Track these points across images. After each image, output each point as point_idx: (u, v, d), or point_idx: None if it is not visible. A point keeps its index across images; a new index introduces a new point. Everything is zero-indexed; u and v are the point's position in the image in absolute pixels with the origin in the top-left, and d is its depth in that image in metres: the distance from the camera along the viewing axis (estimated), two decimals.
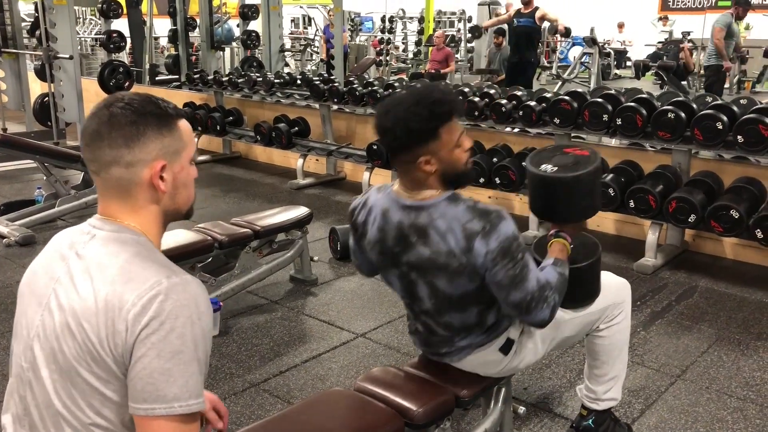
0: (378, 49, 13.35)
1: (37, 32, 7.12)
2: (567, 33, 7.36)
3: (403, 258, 1.77)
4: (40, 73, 7.79)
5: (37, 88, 8.37)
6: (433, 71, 9.90)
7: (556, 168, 1.88)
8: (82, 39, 13.22)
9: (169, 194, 1.22)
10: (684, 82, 9.68)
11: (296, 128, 6.19)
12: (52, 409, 1.15)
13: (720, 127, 3.75)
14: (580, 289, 1.93)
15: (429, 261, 1.72)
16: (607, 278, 2.14)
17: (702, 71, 8.33)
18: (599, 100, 4.25)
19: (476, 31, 8.43)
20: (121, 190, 1.19)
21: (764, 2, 13.64)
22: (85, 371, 1.12)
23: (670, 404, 2.64)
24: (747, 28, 13.49)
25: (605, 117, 4.17)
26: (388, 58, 13.25)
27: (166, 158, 1.19)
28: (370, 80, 6.29)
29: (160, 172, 1.19)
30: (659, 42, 14.20)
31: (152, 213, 1.22)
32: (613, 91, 4.47)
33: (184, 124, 1.24)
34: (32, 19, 8.36)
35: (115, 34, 7.02)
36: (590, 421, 2.30)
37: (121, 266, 1.13)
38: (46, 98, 7.47)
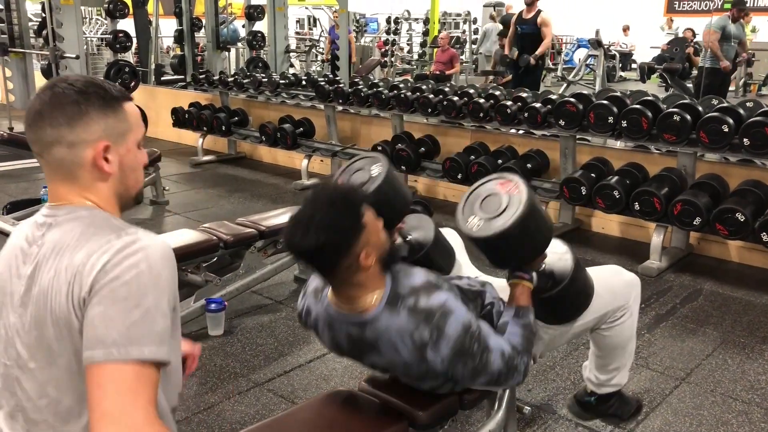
0: (383, 50, 13.36)
1: (44, 32, 7.15)
2: (537, 64, 7.18)
3: (365, 360, 1.73)
4: (47, 73, 7.82)
5: None
6: (437, 72, 9.90)
7: (481, 222, 1.73)
8: (89, 39, 13.26)
9: (116, 177, 1.20)
10: (690, 85, 9.66)
11: (301, 129, 6.20)
12: (47, 398, 1.15)
13: (726, 129, 3.74)
14: (561, 310, 1.87)
15: (389, 365, 1.68)
16: (611, 280, 2.10)
17: (695, 72, 8.42)
18: (605, 102, 4.25)
19: (507, 59, 8.42)
20: (66, 172, 1.17)
21: None
22: (66, 352, 1.11)
23: (674, 407, 2.64)
24: (753, 30, 13.46)
25: (610, 119, 4.16)
26: (392, 59, 13.26)
27: (110, 139, 1.17)
28: (375, 81, 6.29)
29: (104, 153, 1.16)
30: (664, 44, 14.19)
31: (103, 191, 1.20)
32: (618, 94, 4.46)
33: (130, 107, 1.22)
34: (39, 19, 8.39)
35: (121, 34, 7.04)
36: (593, 398, 2.32)
37: (78, 237, 1.13)
38: None
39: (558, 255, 1.89)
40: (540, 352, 2.06)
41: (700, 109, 4.03)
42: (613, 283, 2.09)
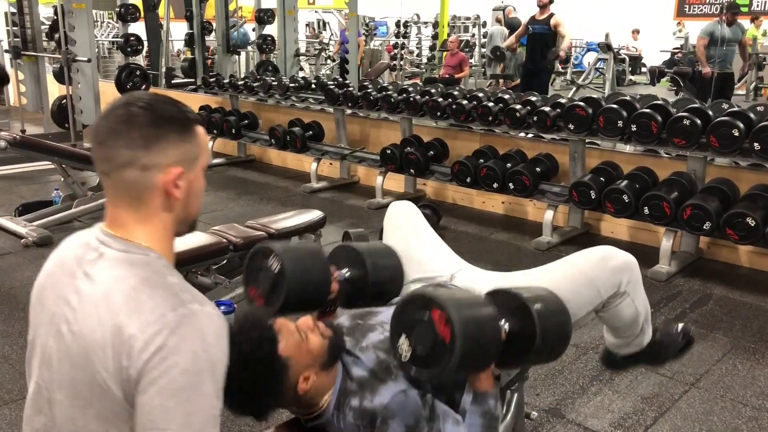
0: (392, 53, 13.38)
1: (56, 35, 7.22)
2: (566, 59, 7.23)
3: None
4: (59, 76, 7.88)
5: (55, 90, 8.47)
6: (447, 76, 9.91)
7: (410, 353, 1.44)
8: (100, 42, 13.35)
9: (182, 202, 1.15)
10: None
11: (310, 132, 6.22)
12: (78, 424, 1.13)
13: (736, 134, 3.73)
14: (542, 356, 1.60)
15: None
16: (593, 272, 1.83)
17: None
18: (614, 106, 4.24)
19: (497, 51, 8.38)
20: (133, 195, 1.12)
21: None
22: (97, 404, 1.09)
23: (684, 412, 2.63)
24: (765, 34, 13.40)
25: (620, 123, 4.16)
26: (402, 62, 13.28)
27: (184, 165, 1.13)
28: (384, 85, 6.31)
29: (176, 179, 1.12)
30: (675, 48, 14.15)
31: (163, 222, 1.16)
32: (628, 98, 4.46)
33: (201, 131, 1.18)
34: (51, 23, 8.46)
35: (132, 38, 7.11)
36: (617, 357, 2.15)
37: (128, 294, 1.08)
38: (64, 100, 7.56)
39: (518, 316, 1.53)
40: None
41: (710, 113, 4.02)
42: (594, 276, 1.82)
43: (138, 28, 7.85)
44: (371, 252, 1.78)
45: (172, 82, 9.53)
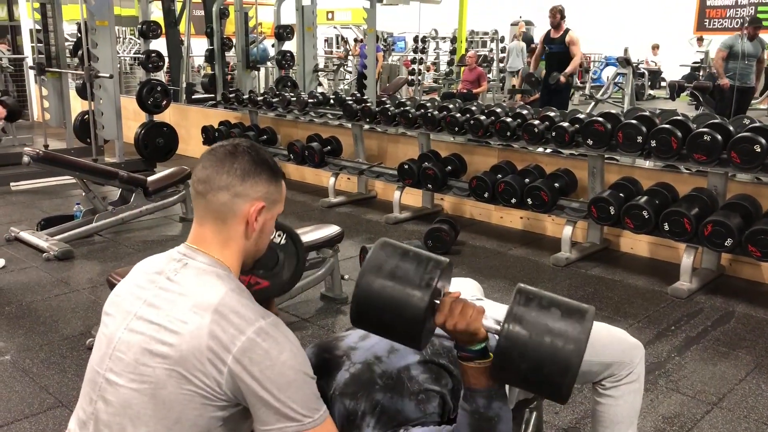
0: (410, 68, 13.44)
1: (80, 52, 7.33)
2: (568, 81, 7.26)
3: None
4: (81, 92, 8.01)
5: (77, 106, 8.60)
6: (464, 91, 9.92)
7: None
8: (122, 58, 13.54)
9: (256, 234, 1.35)
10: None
11: (329, 147, 6.25)
12: (129, 413, 1.23)
13: (758, 149, 3.68)
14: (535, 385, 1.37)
15: None
16: (618, 334, 1.92)
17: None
18: (633, 121, 4.22)
19: (531, 78, 8.49)
20: (220, 216, 1.31)
21: None
22: (174, 387, 1.21)
23: None
24: None
25: (639, 139, 4.13)
26: (420, 77, 13.33)
27: (267, 202, 1.34)
28: (402, 100, 6.33)
29: (258, 211, 1.32)
30: (694, 62, 14.05)
31: (238, 247, 1.34)
32: (647, 113, 4.43)
33: (284, 186, 1.40)
34: (74, 40, 8.60)
35: (153, 54, 7.18)
36: None
37: (220, 301, 1.23)
38: (86, 116, 7.67)
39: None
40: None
41: (731, 128, 3.98)
42: (621, 338, 1.91)
43: (159, 45, 7.95)
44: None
45: (193, 97, 9.64)
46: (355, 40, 14.41)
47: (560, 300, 1.37)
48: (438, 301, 1.36)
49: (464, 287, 2.11)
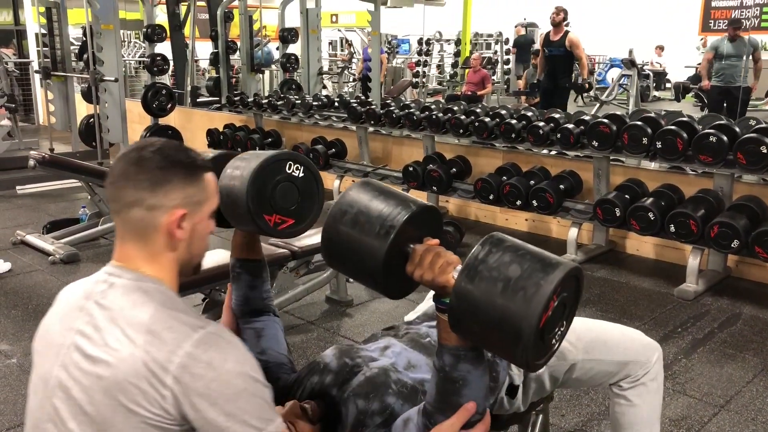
0: (414, 71, 13.43)
1: (85, 56, 7.35)
2: (582, 88, 7.35)
3: None
4: (87, 95, 8.02)
5: (83, 109, 8.62)
6: (469, 93, 9.92)
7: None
8: (127, 62, 13.58)
9: (185, 243, 1.22)
10: None
11: (333, 150, 6.25)
12: None
13: (765, 150, 3.67)
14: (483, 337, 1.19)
15: None
16: (633, 334, 1.90)
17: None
18: (639, 123, 4.21)
19: (535, 86, 8.64)
20: (139, 233, 1.19)
21: None
22: (121, 422, 1.11)
23: None
24: None
25: (645, 140, 4.12)
26: (424, 80, 13.32)
27: (188, 207, 1.20)
28: (407, 102, 6.33)
29: (179, 220, 1.19)
30: (699, 63, 14.01)
31: (168, 260, 1.22)
32: (652, 114, 4.42)
33: (210, 177, 1.25)
34: (80, 44, 8.63)
35: (158, 57, 7.20)
36: None
37: (151, 319, 1.13)
38: (92, 119, 7.69)
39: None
40: (552, 387, 1.83)
41: (737, 129, 3.97)
42: (634, 337, 1.89)
43: (164, 48, 7.96)
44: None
45: (198, 100, 9.65)
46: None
47: (530, 253, 1.15)
48: (411, 248, 1.26)
49: None
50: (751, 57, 7.41)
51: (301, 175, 1.52)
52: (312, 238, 3.63)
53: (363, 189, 1.32)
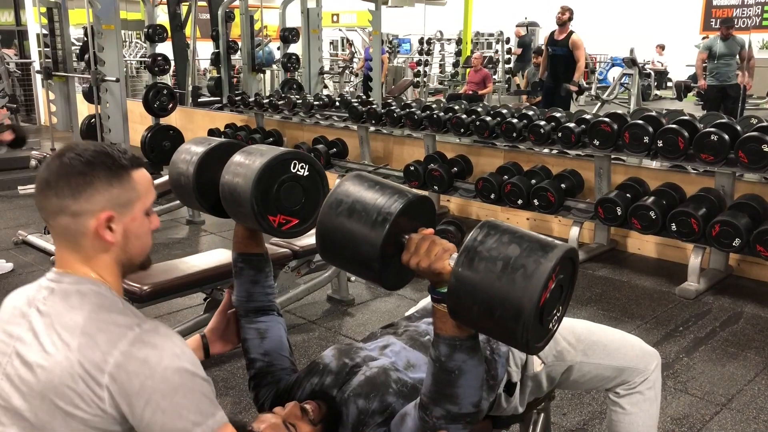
0: (415, 70, 13.43)
1: (86, 56, 7.35)
2: (579, 91, 7.38)
3: None
4: (88, 96, 8.02)
5: (84, 109, 8.63)
6: (470, 93, 9.91)
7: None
8: (128, 62, 13.58)
9: (119, 245, 1.19)
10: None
11: (334, 149, 6.26)
12: None
13: (766, 149, 3.66)
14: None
15: None
16: (633, 340, 1.88)
17: None
18: (640, 121, 4.20)
19: (537, 85, 8.61)
20: (70, 240, 1.18)
21: None
22: (61, 426, 1.11)
23: None
24: None
25: (646, 139, 4.12)
26: (425, 79, 13.31)
27: (115, 209, 1.17)
28: (408, 102, 6.33)
29: (107, 223, 1.16)
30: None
31: (105, 261, 1.20)
32: (654, 113, 4.42)
33: (139, 174, 1.21)
34: (81, 44, 8.64)
35: (159, 57, 7.20)
36: None
37: (85, 321, 1.11)
38: (93, 119, 7.69)
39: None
40: (550, 386, 1.82)
41: (739, 128, 3.97)
42: (633, 343, 1.86)
43: (165, 48, 7.97)
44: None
45: (199, 100, 9.65)
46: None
47: (527, 235, 1.17)
48: (406, 238, 1.26)
49: None
50: (738, 56, 7.48)
51: (306, 174, 1.50)
52: (313, 237, 3.62)
53: (357, 180, 1.32)
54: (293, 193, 1.48)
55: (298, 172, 1.48)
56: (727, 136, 3.83)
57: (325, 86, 10.39)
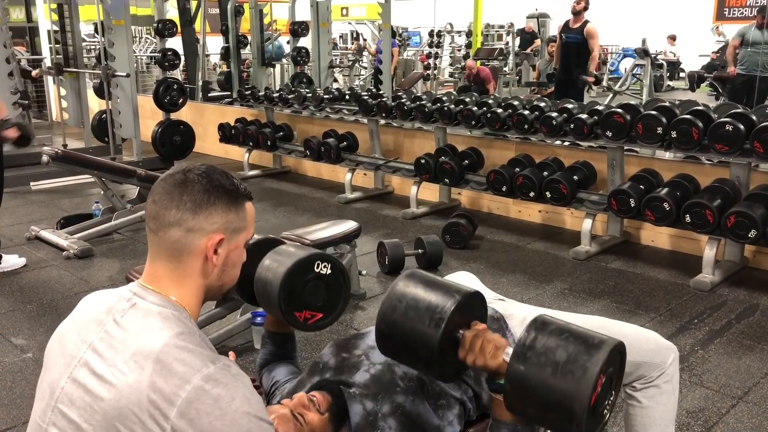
0: (426, 63, 13.39)
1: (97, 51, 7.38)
2: (596, 81, 7.31)
3: None
4: (99, 91, 8.07)
5: (95, 105, 8.66)
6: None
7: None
8: (138, 57, 13.62)
9: (218, 269, 1.22)
10: None
11: (345, 143, 6.24)
12: None
13: None
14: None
15: None
16: (648, 334, 1.86)
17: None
18: (653, 112, 4.16)
19: (552, 76, 8.59)
20: (174, 254, 1.18)
21: None
22: None
23: (732, 427, 2.54)
24: None
25: (659, 130, 4.07)
26: (435, 72, 13.26)
27: (226, 233, 1.20)
28: (418, 94, 6.30)
29: (217, 245, 1.19)
30: (714, 52, 13.86)
31: (197, 286, 1.21)
32: (667, 103, 4.37)
33: (250, 207, 1.25)
34: (92, 40, 8.66)
35: (169, 52, 7.21)
36: None
37: (162, 347, 1.09)
38: (104, 115, 7.72)
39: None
40: None
41: (754, 118, 3.91)
42: (649, 337, 1.84)
43: (175, 43, 7.98)
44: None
45: (209, 95, 9.66)
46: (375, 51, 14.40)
47: (575, 332, 1.22)
48: (461, 335, 1.32)
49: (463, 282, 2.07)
50: None
51: (329, 272, 1.61)
52: (323, 231, 3.62)
53: (410, 281, 1.40)
54: (317, 290, 1.60)
55: (321, 271, 1.60)
56: (742, 126, 3.78)
57: (335, 80, 10.37)
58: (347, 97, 6.59)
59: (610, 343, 1.20)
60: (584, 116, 4.50)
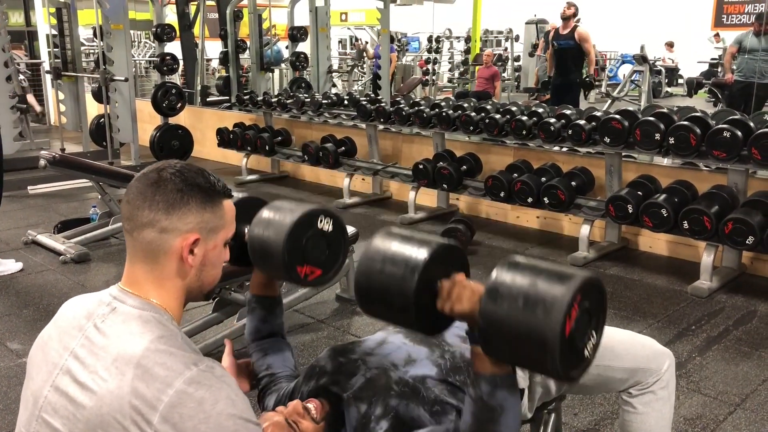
0: (424, 68, 13.42)
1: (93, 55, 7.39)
2: (590, 85, 7.36)
3: None
4: (97, 95, 8.06)
5: (93, 109, 8.65)
6: (480, 90, 9.89)
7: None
8: (137, 61, 13.62)
9: (196, 270, 1.19)
10: None
11: (343, 148, 6.24)
12: None
13: None
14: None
15: None
16: (644, 340, 1.85)
17: None
18: (651, 118, 4.16)
19: (547, 83, 8.59)
20: (150, 255, 1.17)
21: None
22: None
23: None
24: None
25: (657, 136, 4.07)
26: (434, 77, 13.28)
27: (202, 233, 1.17)
28: (417, 100, 6.30)
29: (192, 246, 1.17)
30: (712, 59, 13.90)
31: (176, 287, 1.19)
32: (665, 110, 4.38)
33: (228, 205, 1.23)
34: (90, 44, 8.66)
35: (168, 57, 7.21)
36: None
37: (143, 352, 1.07)
38: (102, 119, 7.72)
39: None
40: (558, 391, 1.79)
41: (752, 124, 3.92)
42: (645, 343, 1.83)
43: (174, 48, 7.98)
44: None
45: (207, 100, 9.67)
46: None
47: (547, 267, 1.22)
48: (439, 285, 1.31)
49: None
50: None
51: (330, 228, 1.61)
52: None
53: (387, 235, 1.41)
54: (319, 245, 1.58)
55: (323, 227, 1.59)
56: (739, 133, 3.78)
57: (334, 85, 10.38)
58: (346, 102, 6.60)
59: (582, 275, 1.18)
60: (582, 122, 4.51)
